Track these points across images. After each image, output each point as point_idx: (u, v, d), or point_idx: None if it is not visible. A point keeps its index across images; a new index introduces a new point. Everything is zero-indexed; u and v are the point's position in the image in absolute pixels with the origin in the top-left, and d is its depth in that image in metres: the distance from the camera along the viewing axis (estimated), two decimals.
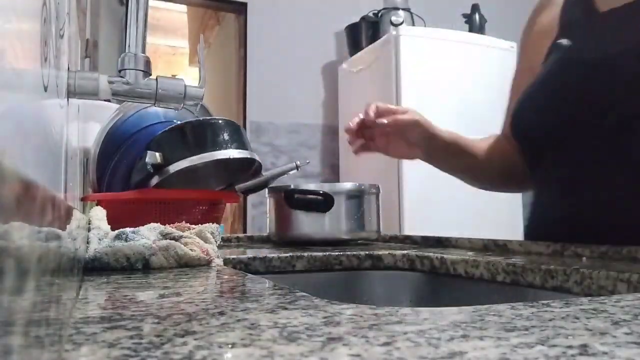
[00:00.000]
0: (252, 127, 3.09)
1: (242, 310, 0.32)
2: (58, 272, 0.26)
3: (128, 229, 0.65)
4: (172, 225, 0.70)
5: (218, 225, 0.70)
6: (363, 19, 3.18)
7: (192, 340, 0.25)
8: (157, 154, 0.93)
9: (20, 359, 0.14)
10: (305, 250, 0.86)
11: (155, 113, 1.01)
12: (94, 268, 0.57)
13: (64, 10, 0.42)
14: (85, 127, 1.07)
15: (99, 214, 0.77)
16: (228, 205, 1.54)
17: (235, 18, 3.42)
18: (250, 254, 0.79)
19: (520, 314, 0.30)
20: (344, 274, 0.82)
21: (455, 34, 2.84)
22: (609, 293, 0.49)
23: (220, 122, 1.00)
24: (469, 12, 3.22)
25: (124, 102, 0.96)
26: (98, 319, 0.30)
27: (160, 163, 0.93)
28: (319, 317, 0.30)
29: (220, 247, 0.89)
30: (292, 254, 0.80)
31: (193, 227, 0.70)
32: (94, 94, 0.54)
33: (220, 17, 4.12)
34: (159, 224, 0.69)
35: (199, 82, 0.61)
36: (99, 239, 0.63)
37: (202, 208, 1.02)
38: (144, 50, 0.56)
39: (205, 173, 1.05)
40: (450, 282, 0.72)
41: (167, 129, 0.96)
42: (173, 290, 0.43)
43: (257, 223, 3.07)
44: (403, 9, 3.08)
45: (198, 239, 0.65)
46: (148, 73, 0.57)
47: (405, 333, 0.26)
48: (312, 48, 3.31)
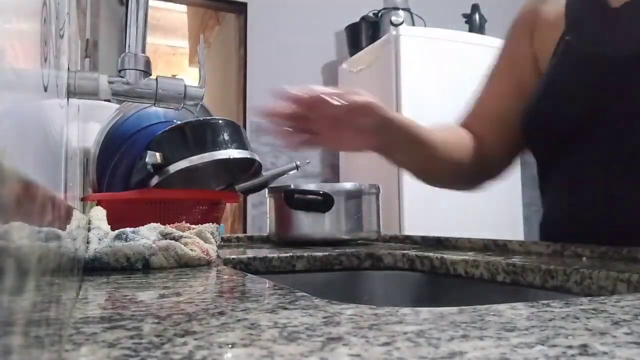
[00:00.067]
0: (252, 127, 3.09)
1: (242, 310, 0.32)
2: (58, 272, 0.26)
3: (128, 229, 0.65)
4: (172, 225, 0.70)
5: (218, 225, 0.70)
6: (363, 19, 3.18)
7: (192, 340, 0.25)
8: (157, 154, 0.93)
9: (20, 359, 0.14)
10: (305, 250, 0.86)
11: (155, 113, 1.01)
12: (94, 268, 0.57)
13: (64, 10, 0.42)
14: (85, 127, 1.07)
15: (99, 214, 0.77)
16: (228, 205, 1.54)
17: (235, 18, 3.42)
18: (250, 254, 0.79)
19: (520, 314, 0.30)
20: (344, 274, 0.82)
21: (455, 34, 2.84)
22: (609, 293, 0.49)
23: (220, 122, 1.00)
24: (469, 12, 3.22)
25: (124, 102, 0.96)
26: (98, 319, 0.30)
27: (160, 163, 0.93)
28: (319, 317, 0.30)
29: (220, 247, 0.89)
30: (292, 254, 0.80)
31: (193, 227, 0.71)
32: (94, 94, 0.54)
33: (220, 17, 4.12)
34: (159, 224, 0.69)
35: (199, 82, 0.61)
36: (99, 239, 0.63)
37: (202, 208, 1.02)
38: (144, 50, 0.56)
39: (205, 173, 1.05)
40: (450, 282, 0.72)
41: (167, 129, 0.96)
42: (173, 290, 0.43)
43: (257, 223, 3.07)
44: (403, 9, 3.08)
45: (198, 239, 0.65)
46: (148, 73, 0.57)
47: (405, 333, 0.26)
48: (312, 48, 3.31)
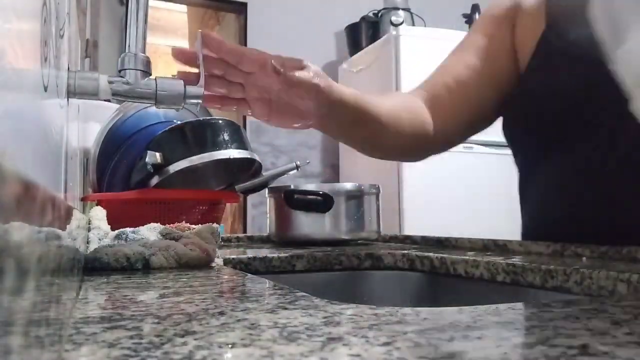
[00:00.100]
0: (252, 127, 3.09)
1: (242, 310, 0.32)
2: (58, 272, 0.26)
3: (128, 229, 0.65)
4: (172, 225, 0.70)
5: (218, 225, 0.70)
6: (363, 19, 3.18)
7: (192, 340, 0.25)
8: (157, 154, 0.93)
9: (20, 359, 0.14)
10: (305, 250, 0.86)
11: (155, 113, 1.01)
12: (94, 268, 0.57)
13: (64, 10, 0.42)
14: (85, 127, 1.07)
15: (99, 214, 0.77)
16: (228, 205, 1.54)
17: (235, 18, 3.42)
18: (250, 254, 0.79)
19: (520, 314, 0.30)
20: (344, 274, 0.82)
21: (455, 34, 2.83)
22: (609, 293, 0.49)
23: (220, 122, 1.00)
24: (469, 12, 3.22)
25: (124, 102, 0.96)
26: (98, 319, 0.30)
27: (160, 163, 0.93)
28: (319, 317, 0.30)
29: (220, 247, 0.89)
30: (292, 254, 0.80)
31: (193, 227, 0.71)
32: (94, 94, 0.54)
33: (220, 17, 4.12)
34: (159, 224, 0.69)
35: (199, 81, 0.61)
36: (99, 239, 0.63)
37: (202, 208, 1.02)
38: (144, 50, 0.56)
39: (205, 173, 1.05)
40: (450, 282, 0.72)
41: (167, 129, 0.96)
42: (173, 290, 0.43)
43: (257, 223, 3.07)
44: (403, 9, 3.08)
45: (198, 239, 0.65)
46: (148, 73, 0.57)
47: (405, 333, 0.26)
48: (312, 48, 3.31)
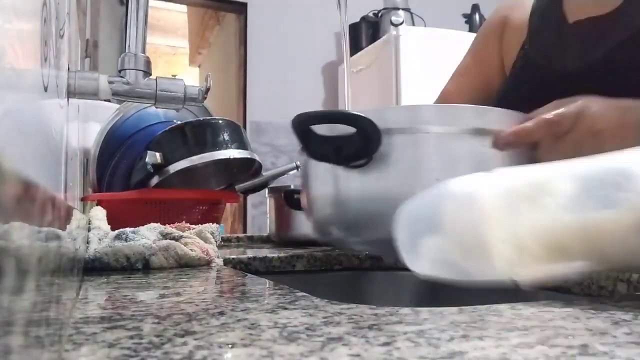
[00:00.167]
0: (252, 127, 3.09)
1: (242, 310, 0.32)
2: (58, 272, 0.26)
3: (128, 229, 0.65)
4: (172, 225, 0.70)
5: (218, 225, 0.70)
6: (363, 19, 3.18)
7: (192, 340, 0.25)
8: (157, 154, 0.93)
9: (20, 359, 0.14)
10: (305, 250, 0.86)
11: (155, 113, 1.01)
12: (94, 268, 0.57)
13: (64, 10, 0.42)
14: (85, 127, 1.07)
15: (99, 214, 0.77)
16: (228, 205, 1.53)
17: (235, 18, 3.42)
18: (250, 254, 0.79)
19: (520, 314, 0.30)
20: (344, 274, 0.82)
21: (455, 34, 2.84)
22: (609, 293, 0.49)
23: (220, 122, 1.00)
24: (469, 12, 3.22)
25: (124, 102, 0.96)
26: (98, 319, 0.30)
27: (160, 163, 0.93)
28: (319, 317, 0.30)
29: (220, 247, 0.89)
30: (292, 254, 0.80)
31: (193, 227, 0.70)
32: (94, 94, 0.54)
33: (220, 17, 4.12)
34: (159, 224, 0.69)
35: (203, 87, 0.61)
36: (99, 239, 0.63)
37: (202, 208, 1.02)
38: (144, 50, 0.56)
39: (205, 173, 1.05)
40: (451, 282, 0.71)
41: (167, 129, 0.96)
42: (173, 290, 0.43)
43: (257, 223, 3.07)
44: (403, 9, 3.08)
45: (198, 239, 0.65)
46: (148, 73, 0.57)
47: (405, 333, 0.26)
48: (312, 48, 3.31)
